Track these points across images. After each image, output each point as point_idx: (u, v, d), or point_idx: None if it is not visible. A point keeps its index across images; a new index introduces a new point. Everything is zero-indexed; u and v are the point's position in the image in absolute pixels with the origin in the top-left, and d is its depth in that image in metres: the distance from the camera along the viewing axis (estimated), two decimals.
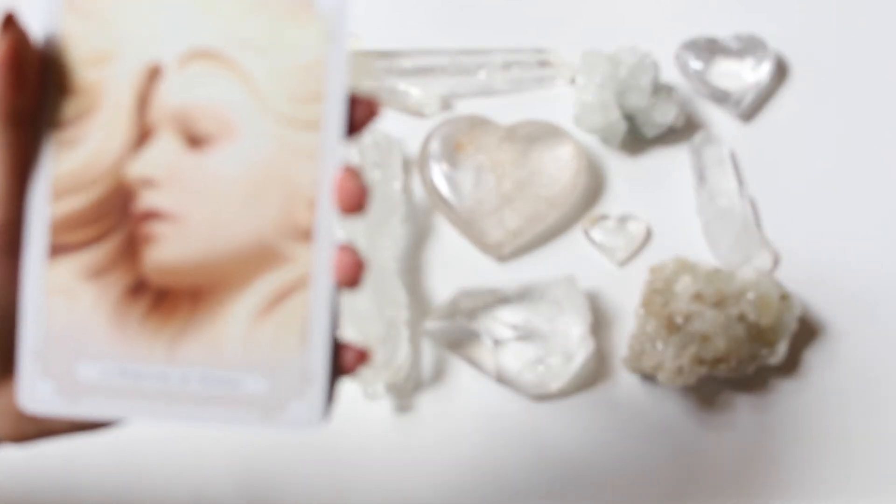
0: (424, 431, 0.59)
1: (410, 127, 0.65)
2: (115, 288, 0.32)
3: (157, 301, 0.32)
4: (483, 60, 0.66)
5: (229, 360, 0.32)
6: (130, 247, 0.32)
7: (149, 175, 0.32)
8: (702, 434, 0.59)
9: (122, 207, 0.32)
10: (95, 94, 0.32)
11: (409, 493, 0.58)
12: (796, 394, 0.60)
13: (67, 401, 0.32)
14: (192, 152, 0.32)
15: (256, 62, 0.32)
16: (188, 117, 0.32)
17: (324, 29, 0.32)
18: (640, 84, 0.62)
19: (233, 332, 0.32)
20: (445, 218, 0.63)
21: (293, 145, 0.32)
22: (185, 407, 0.32)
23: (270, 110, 0.32)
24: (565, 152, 0.63)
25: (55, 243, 0.32)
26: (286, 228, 0.32)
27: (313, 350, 0.32)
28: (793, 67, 0.68)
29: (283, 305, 0.32)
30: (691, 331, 0.57)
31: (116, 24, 0.31)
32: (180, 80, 0.32)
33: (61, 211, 0.32)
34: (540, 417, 0.59)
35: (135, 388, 0.32)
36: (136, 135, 0.32)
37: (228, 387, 0.32)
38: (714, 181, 0.63)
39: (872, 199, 0.64)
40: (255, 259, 0.32)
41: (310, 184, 0.32)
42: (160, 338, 0.32)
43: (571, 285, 0.60)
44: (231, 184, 0.32)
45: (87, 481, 0.57)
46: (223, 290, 0.32)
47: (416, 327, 0.60)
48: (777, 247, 0.63)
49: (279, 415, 0.32)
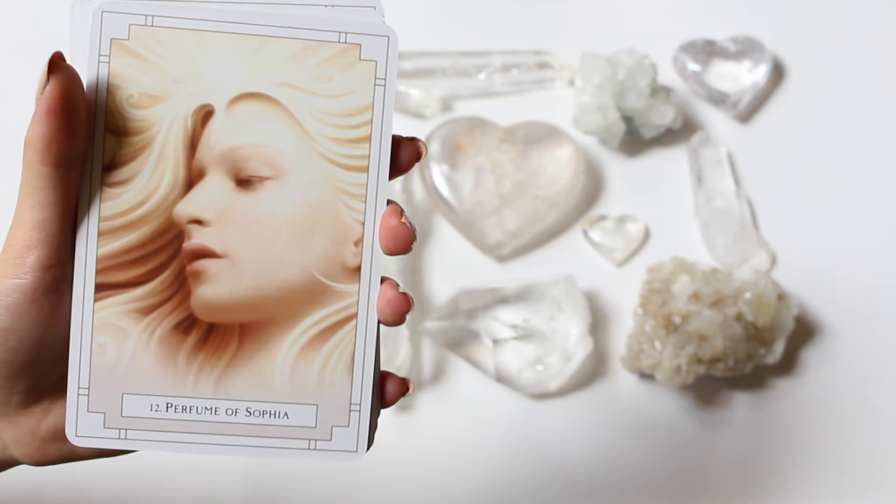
0: (424, 431, 0.59)
1: (411, 128, 0.65)
2: (164, 324, 0.33)
3: (205, 337, 0.33)
4: (483, 62, 0.66)
5: (276, 392, 0.33)
6: (180, 284, 0.33)
7: (198, 215, 0.33)
8: (699, 432, 0.60)
9: (172, 246, 0.33)
10: (145, 134, 0.32)
11: (409, 492, 0.58)
12: (793, 393, 0.60)
13: (114, 433, 0.33)
14: (241, 192, 0.33)
15: (305, 105, 0.33)
16: (237, 158, 0.33)
17: (370, 73, 0.33)
18: (639, 86, 0.63)
19: (280, 366, 0.33)
20: (445, 218, 0.63)
21: (340, 185, 0.33)
22: (232, 439, 0.33)
23: (318, 151, 0.33)
24: (564, 153, 0.63)
25: (103, 282, 0.32)
26: (334, 266, 0.33)
27: (359, 382, 0.34)
28: (789, 69, 0.68)
29: (331, 340, 0.33)
30: (689, 330, 0.57)
31: (167, 66, 0.32)
32: (230, 122, 0.32)
33: (109, 250, 0.32)
34: (539, 416, 0.60)
35: (182, 422, 0.33)
36: (185, 175, 0.32)
37: (275, 418, 0.34)
38: (711, 182, 0.64)
39: (869, 200, 0.65)
40: (303, 296, 0.33)
41: (357, 223, 0.33)
42: (208, 372, 0.33)
43: (570, 285, 0.60)
44: (280, 223, 0.33)
45: (92, 484, 0.57)
46: (271, 326, 0.33)
47: (416, 327, 0.61)
48: (774, 247, 0.63)
49: (325, 444, 0.34)
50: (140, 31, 0.32)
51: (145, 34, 0.32)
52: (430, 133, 0.64)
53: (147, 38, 0.32)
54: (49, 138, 0.30)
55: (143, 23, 0.32)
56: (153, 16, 0.32)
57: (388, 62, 0.33)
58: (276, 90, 0.33)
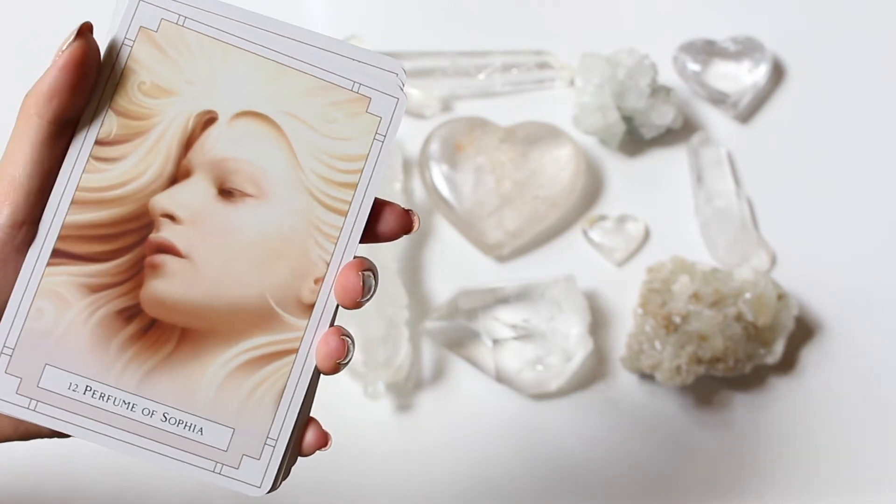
0: (424, 431, 0.59)
1: (411, 128, 0.65)
2: (108, 307, 0.33)
3: (144, 330, 0.33)
4: (483, 62, 0.66)
5: (198, 405, 0.33)
6: (135, 272, 0.33)
7: (173, 210, 0.33)
8: (699, 432, 0.60)
9: (139, 234, 0.33)
10: (146, 122, 0.33)
11: (409, 492, 0.58)
12: (793, 392, 0.60)
13: (24, 402, 0.32)
14: (220, 202, 0.33)
15: (304, 138, 0.33)
16: (226, 169, 0.33)
17: (373, 126, 0.34)
18: (639, 86, 0.63)
19: (209, 380, 0.33)
20: (445, 218, 0.64)
21: (316, 222, 0.33)
22: (140, 440, 0.33)
23: (304, 184, 0.33)
24: (564, 153, 0.63)
25: (62, 249, 0.32)
26: (289, 297, 0.33)
27: (282, 419, 0.33)
28: (789, 69, 0.68)
29: (266, 368, 0.33)
30: (689, 330, 0.57)
31: (185, 66, 0.33)
32: (229, 134, 0.33)
33: (77, 220, 0.32)
34: (539, 416, 0.60)
35: (96, 409, 0.33)
36: (172, 171, 0.33)
37: (189, 431, 0.33)
38: (711, 182, 0.64)
39: (869, 200, 0.65)
40: (252, 317, 0.33)
41: (322, 262, 0.33)
42: (137, 366, 0.33)
43: (570, 285, 0.60)
44: (249, 241, 0.33)
45: (85, 482, 0.57)
46: (212, 338, 0.33)
47: (416, 327, 0.61)
48: (774, 247, 0.63)
49: (231, 472, 0.33)
50: (169, 28, 0.33)
51: (173, 31, 0.33)
52: (430, 133, 0.64)
53: (174, 35, 0.33)
54: (53, 92, 0.31)
55: (174, 21, 0.33)
56: (186, 17, 0.33)
57: (392, 122, 0.34)
58: (281, 117, 0.33)
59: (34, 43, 0.63)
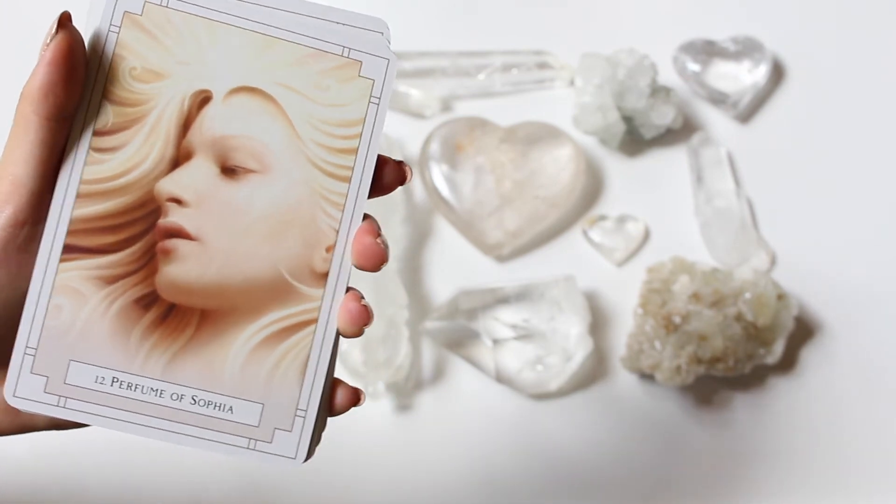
0: (424, 431, 0.59)
1: (411, 128, 0.65)
2: (125, 296, 0.33)
3: (163, 316, 0.33)
4: (483, 62, 0.66)
5: (225, 385, 0.33)
6: (148, 259, 0.33)
7: (178, 194, 0.33)
8: (699, 432, 0.60)
9: (147, 221, 0.33)
10: (141, 108, 0.32)
11: (409, 492, 0.58)
12: (793, 392, 0.61)
13: (53, 399, 0.32)
14: (224, 180, 0.33)
15: (300, 108, 0.33)
16: (227, 147, 0.33)
17: (367, 89, 0.34)
18: (639, 86, 0.63)
19: (233, 359, 0.33)
20: (445, 218, 0.64)
21: (321, 191, 0.33)
22: (172, 425, 0.33)
23: (305, 154, 0.33)
24: (564, 153, 0.63)
25: (72, 244, 0.32)
26: (302, 268, 0.33)
27: (309, 389, 0.34)
28: (789, 69, 0.68)
29: (287, 341, 0.33)
30: (689, 330, 0.57)
31: (174, 47, 0.33)
32: (225, 111, 0.33)
33: (84, 213, 0.32)
34: (539, 416, 0.60)
35: (125, 399, 0.33)
36: (173, 154, 0.33)
37: (219, 411, 0.33)
38: (711, 182, 0.64)
39: (868, 200, 0.65)
40: (268, 292, 0.33)
41: (331, 230, 0.34)
42: (160, 353, 0.33)
43: (570, 285, 0.60)
44: (256, 216, 0.33)
45: (87, 480, 0.58)
46: (231, 317, 0.33)
47: (416, 327, 0.61)
48: (774, 247, 0.63)
49: (265, 446, 0.33)
50: (154, 10, 0.32)
51: (159, 13, 0.32)
52: (430, 133, 0.64)
53: (160, 17, 0.32)
54: (46, 89, 0.30)
55: (158, 2, 0.32)
56: None
57: (385, 83, 0.34)
58: (275, 89, 0.33)
59: (34, 43, 0.63)
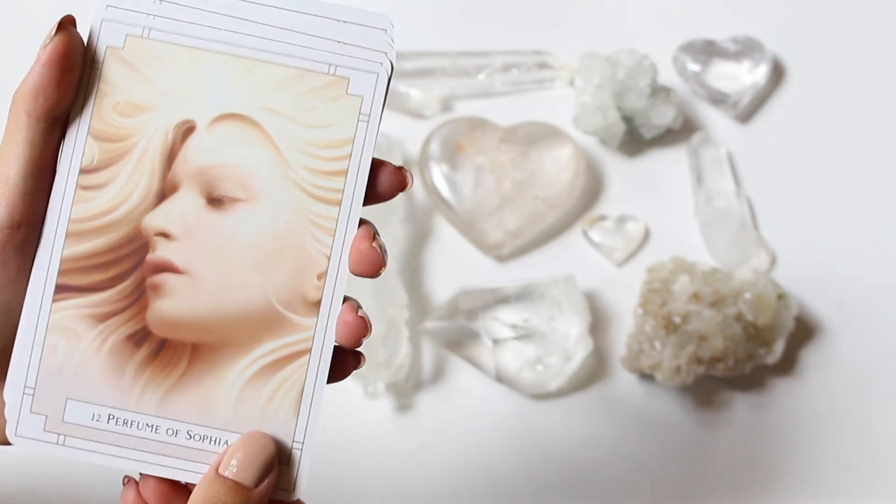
0: (424, 431, 0.59)
1: (411, 128, 0.65)
2: (117, 333, 0.33)
3: (156, 352, 0.33)
4: (483, 62, 0.66)
5: (220, 419, 0.33)
6: (139, 295, 0.32)
7: (165, 228, 0.32)
8: (699, 433, 0.60)
9: (136, 256, 0.32)
10: (126, 142, 0.32)
11: (409, 492, 0.58)
12: (793, 393, 0.60)
13: (53, 438, 0.32)
14: (211, 211, 0.33)
15: (285, 132, 0.32)
16: (212, 177, 0.32)
17: (355, 107, 0.33)
18: (639, 86, 0.63)
19: (227, 393, 0.33)
20: (445, 218, 0.64)
21: (311, 217, 0.33)
22: (170, 460, 0.33)
23: (293, 180, 0.33)
24: (564, 153, 0.63)
25: (64, 283, 0.32)
26: (294, 297, 0.33)
27: (304, 420, 0.33)
28: (789, 69, 0.68)
29: (281, 372, 0.33)
30: (689, 330, 0.57)
31: (157, 79, 0.32)
32: (210, 141, 0.32)
33: (74, 252, 0.32)
34: (539, 416, 0.60)
35: (122, 436, 0.33)
36: (159, 188, 0.32)
37: (216, 445, 0.33)
38: (711, 182, 0.64)
39: (869, 200, 0.65)
40: (259, 323, 0.33)
41: (322, 256, 0.33)
42: (154, 388, 0.33)
43: (570, 285, 0.60)
44: (245, 246, 0.33)
45: (87, 480, 0.58)
46: (223, 350, 0.33)
47: (416, 327, 0.61)
48: (774, 247, 0.63)
49: None
50: (135, 42, 0.32)
51: (140, 45, 0.32)
52: (430, 133, 0.64)
53: (140, 49, 0.32)
54: (39, 88, 0.30)
55: (139, 34, 0.32)
56: (150, 28, 0.32)
57: (375, 98, 0.33)
58: (260, 114, 0.32)
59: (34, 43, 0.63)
